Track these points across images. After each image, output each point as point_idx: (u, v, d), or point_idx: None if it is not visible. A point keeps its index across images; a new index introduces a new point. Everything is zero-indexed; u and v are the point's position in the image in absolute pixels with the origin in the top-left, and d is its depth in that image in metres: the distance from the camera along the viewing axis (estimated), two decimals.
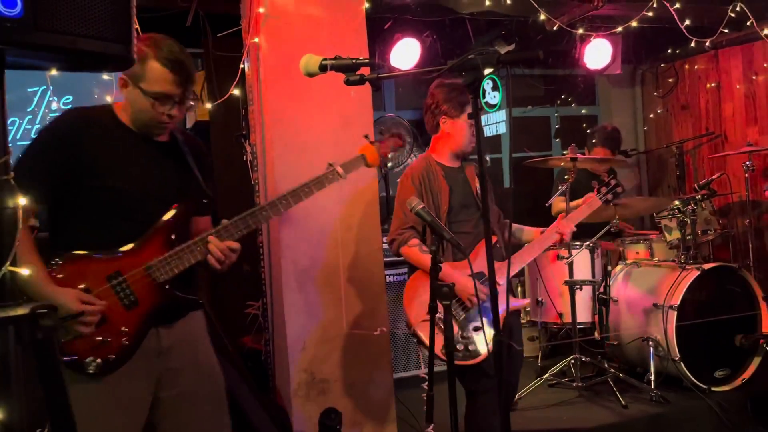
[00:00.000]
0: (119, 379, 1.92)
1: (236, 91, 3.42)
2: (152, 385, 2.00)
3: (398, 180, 2.98)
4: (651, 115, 5.82)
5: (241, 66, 3.31)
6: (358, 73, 1.94)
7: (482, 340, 2.68)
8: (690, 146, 5.32)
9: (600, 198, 3.21)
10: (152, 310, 1.97)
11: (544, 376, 4.02)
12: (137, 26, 1.91)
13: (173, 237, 2.01)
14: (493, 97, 5.49)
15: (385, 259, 3.46)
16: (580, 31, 4.30)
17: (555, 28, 4.12)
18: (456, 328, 2.63)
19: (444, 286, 2.17)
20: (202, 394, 2.09)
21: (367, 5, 3.38)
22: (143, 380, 1.98)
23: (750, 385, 3.84)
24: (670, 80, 5.61)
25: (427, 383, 2.22)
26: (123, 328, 1.92)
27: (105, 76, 3.28)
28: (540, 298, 4.22)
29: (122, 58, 1.38)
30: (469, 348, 2.67)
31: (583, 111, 6.05)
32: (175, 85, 1.93)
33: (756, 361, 3.90)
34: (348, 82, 1.94)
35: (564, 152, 3.92)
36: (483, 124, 5.64)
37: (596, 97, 6.08)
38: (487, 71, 1.84)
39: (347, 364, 3.23)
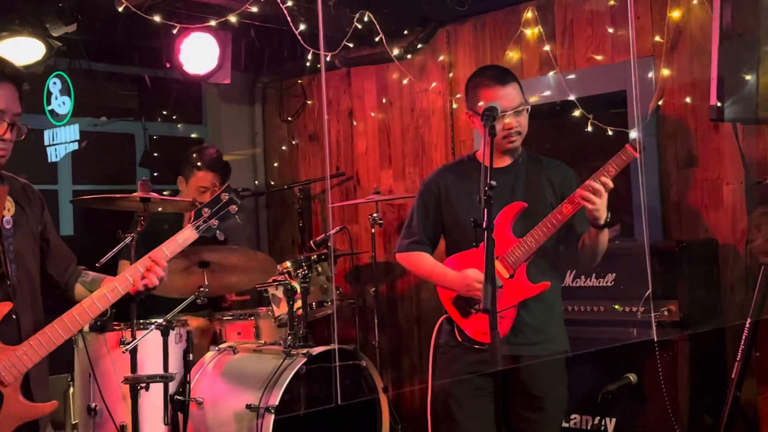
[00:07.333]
0: None
1: None
2: None
3: None
4: (281, 145, 5.42)
5: None
6: None
7: None
8: (318, 189, 5.00)
9: (198, 228, 2.51)
10: None
11: None
12: None
13: None
14: (61, 104, 4.42)
15: None
16: (157, 18, 3.73)
17: (121, 9, 3.57)
18: None
19: None
20: None
21: None
22: None
23: None
24: (302, 101, 5.21)
25: None
26: None
27: None
28: (94, 405, 3.66)
29: None
30: None
31: (191, 134, 5.41)
32: None
33: None
34: None
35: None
36: (45, 143, 4.50)
37: (204, 114, 5.55)
38: None
39: None
